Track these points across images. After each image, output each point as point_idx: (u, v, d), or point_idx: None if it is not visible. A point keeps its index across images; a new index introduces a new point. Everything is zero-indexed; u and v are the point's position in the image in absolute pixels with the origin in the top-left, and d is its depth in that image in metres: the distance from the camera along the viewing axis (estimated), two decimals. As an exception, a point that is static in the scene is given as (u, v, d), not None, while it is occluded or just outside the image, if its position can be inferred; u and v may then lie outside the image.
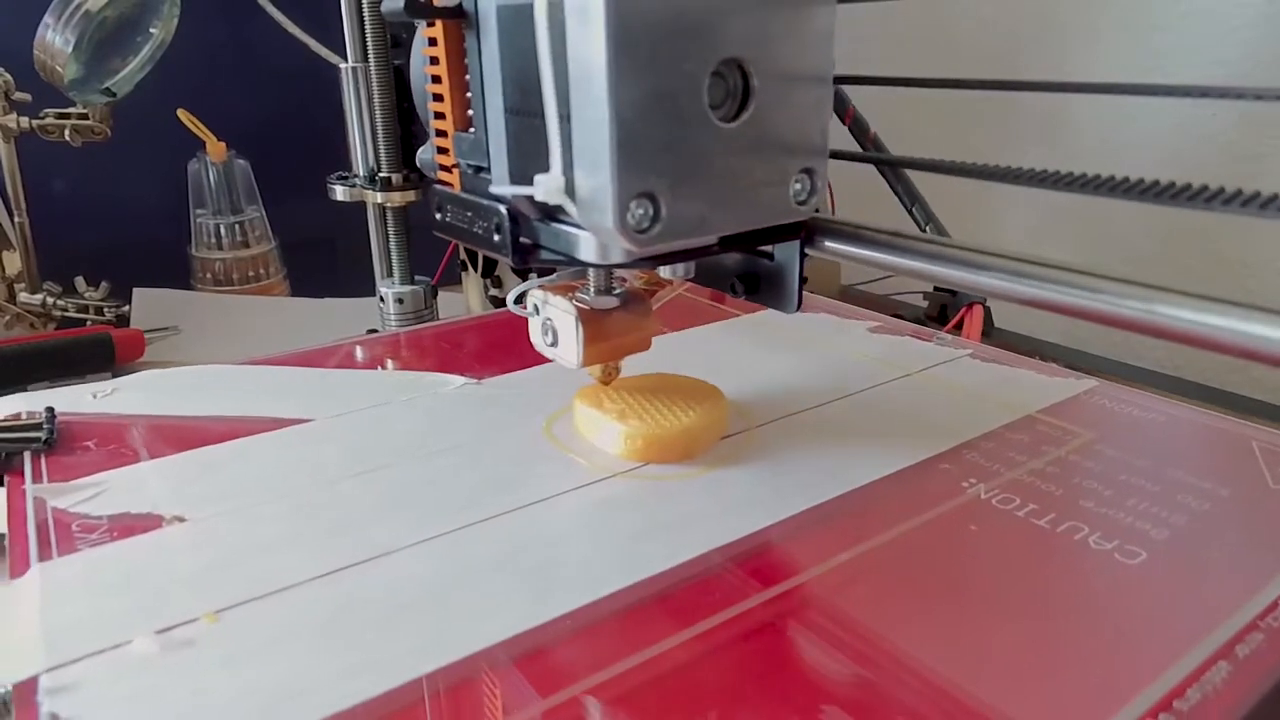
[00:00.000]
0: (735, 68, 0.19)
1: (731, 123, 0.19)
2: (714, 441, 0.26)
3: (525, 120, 0.20)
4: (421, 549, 0.21)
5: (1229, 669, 0.17)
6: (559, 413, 0.29)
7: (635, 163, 0.17)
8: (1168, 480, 0.24)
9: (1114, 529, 0.22)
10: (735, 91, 0.19)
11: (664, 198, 0.18)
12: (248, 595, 0.19)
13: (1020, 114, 0.57)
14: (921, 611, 0.19)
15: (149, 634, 0.18)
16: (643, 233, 0.18)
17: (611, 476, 0.25)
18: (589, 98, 0.17)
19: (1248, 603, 0.19)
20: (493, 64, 0.21)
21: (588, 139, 0.18)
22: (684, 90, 0.18)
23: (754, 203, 0.20)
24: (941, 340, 0.35)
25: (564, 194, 0.18)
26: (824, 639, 0.18)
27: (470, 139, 0.23)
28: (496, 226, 0.22)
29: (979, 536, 0.21)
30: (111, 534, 0.22)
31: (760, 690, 0.16)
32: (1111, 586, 0.20)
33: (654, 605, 0.19)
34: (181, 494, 0.24)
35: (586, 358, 0.25)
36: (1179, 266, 0.51)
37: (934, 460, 0.25)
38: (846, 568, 0.20)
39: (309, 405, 0.29)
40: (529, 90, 0.19)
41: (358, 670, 0.17)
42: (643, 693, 0.16)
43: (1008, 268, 0.19)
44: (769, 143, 0.20)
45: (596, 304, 0.25)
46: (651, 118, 0.17)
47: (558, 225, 0.21)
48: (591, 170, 0.18)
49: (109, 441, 0.27)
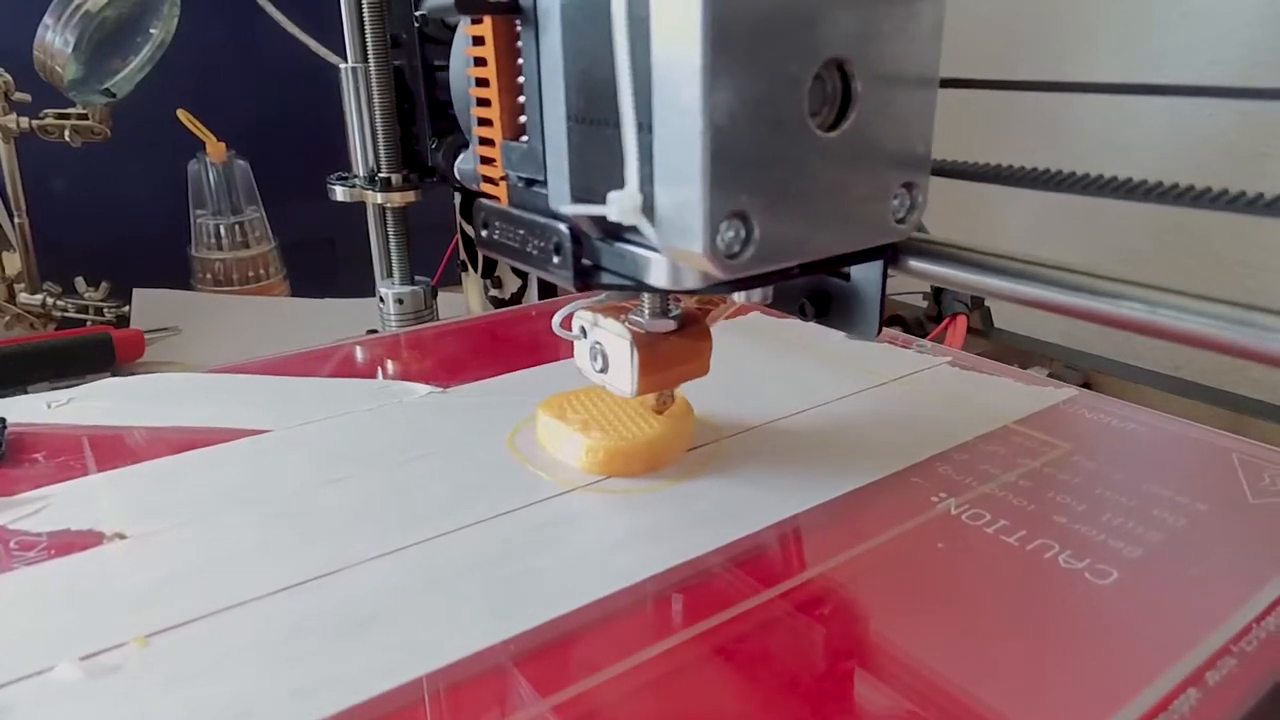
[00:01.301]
0: (835, 69, 0.17)
1: (830, 132, 0.17)
2: (680, 454, 0.26)
3: (592, 129, 0.18)
4: (378, 563, 0.21)
5: (1198, 697, 0.16)
6: (523, 423, 0.28)
7: (729, 178, 0.16)
8: (1144, 494, 0.23)
9: (1085, 547, 0.21)
10: (834, 96, 0.17)
11: (758, 218, 0.16)
12: (189, 615, 0.19)
13: (1020, 114, 0.57)
14: (880, 630, 0.18)
15: (73, 659, 0.17)
16: (733, 257, 0.16)
17: (572, 490, 0.24)
18: (676, 104, 0.15)
19: (1221, 626, 0.18)
20: (554, 65, 0.18)
21: (673, 151, 0.16)
22: (784, 95, 0.16)
23: (852, 221, 0.18)
24: (921, 348, 0.35)
25: (641, 213, 0.16)
26: (790, 653, 0.17)
27: (522, 149, 0.20)
28: (556, 247, 0.20)
29: (944, 555, 0.21)
30: (49, 552, 0.21)
31: (729, 703, 0.16)
32: (1078, 609, 0.19)
33: (617, 620, 0.19)
34: (128, 509, 0.23)
35: (642, 386, 0.23)
36: (1179, 266, 0.51)
37: (904, 473, 0.24)
38: (810, 585, 0.20)
39: (269, 415, 0.29)
40: (598, 95, 0.17)
41: (310, 689, 0.16)
42: (611, 708, 0.16)
43: (1007, 268, 0.19)
44: (870, 154, 0.18)
45: (652, 327, 0.23)
46: (748, 127, 0.15)
47: (624, 245, 0.19)
48: (677, 186, 0.16)
49: (59, 453, 0.26)
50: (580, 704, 0.16)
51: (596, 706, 0.16)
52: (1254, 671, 0.17)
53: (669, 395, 0.26)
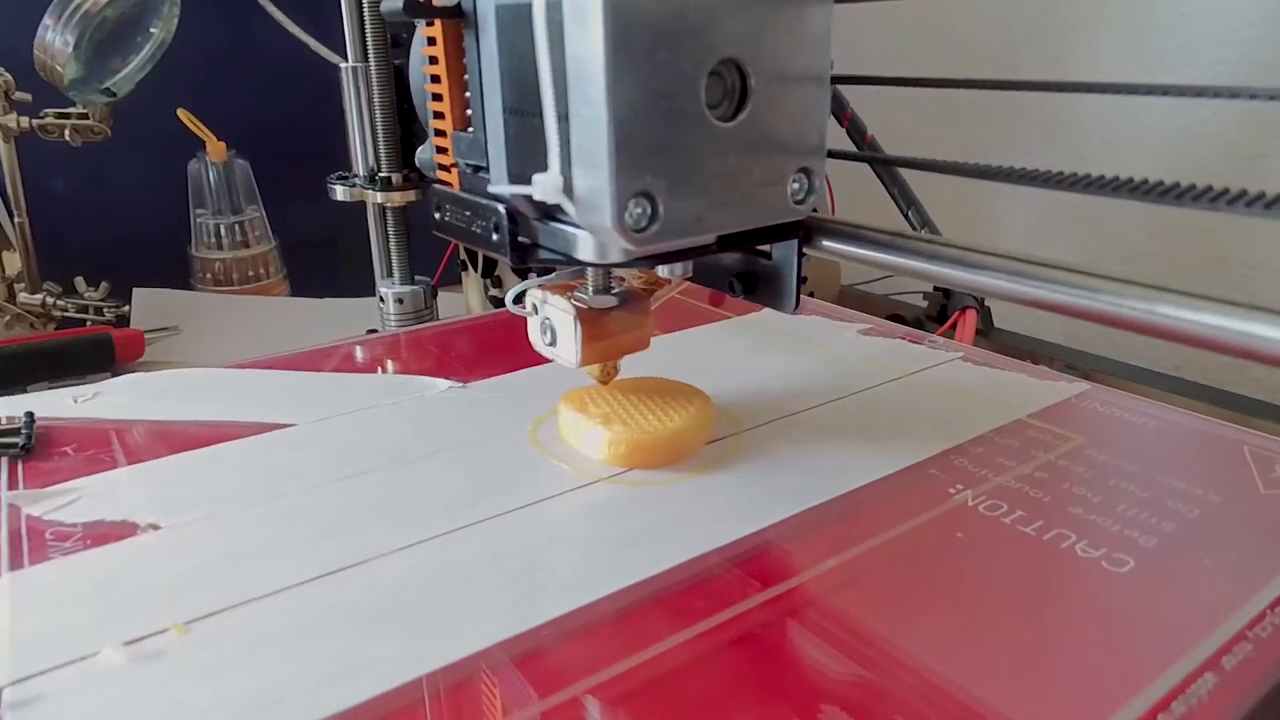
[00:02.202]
0: (733, 67, 0.19)
1: (729, 122, 0.19)
2: (700, 446, 0.26)
3: (524, 120, 0.20)
4: (401, 555, 0.21)
5: (1215, 681, 0.16)
6: (544, 416, 0.28)
7: (633, 162, 0.17)
8: (1158, 486, 0.24)
9: (1102, 537, 0.21)
10: (733, 91, 0.19)
11: (661, 197, 0.18)
12: (222, 604, 0.19)
13: (1020, 114, 0.57)
14: (901, 621, 0.18)
15: (117, 645, 0.18)
16: (640, 232, 0.18)
17: (594, 482, 0.24)
18: (587, 97, 0.17)
19: (1236, 613, 0.18)
20: (491, 64, 0.21)
21: (586, 138, 0.18)
22: (681, 90, 0.18)
23: (752, 202, 0.20)
24: (934, 343, 0.35)
25: (562, 193, 0.18)
26: (808, 645, 0.18)
27: (469, 138, 0.22)
28: (495, 226, 0.22)
29: (964, 544, 0.21)
30: (85, 542, 0.22)
31: (744, 697, 0.16)
32: (1097, 596, 0.19)
33: (635, 613, 0.19)
34: (159, 500, 0.23)
35: (585, 357, 0.25)
36: (1179, 266, 0.51)
37: (921, 465, 0.25)
38: (831, 575, 0.20)
39: (292, 409, 0.29)
40: (527, 90, 0.19)
41: (336, 679, 0.17)
42: (627, 700, 0.16)
43: (1007, 268, 0.19)
44: (766, 142, 0.20)
45: (595, 303, 0.25)
46: (649, 117, 0.17)
47: (556, 225, 0.21)
48: (590, 170, 0.18)
49: (88, 446, 0.27)
50: (601, 694, 0.16)
51: (618, 696, 0.16)
52: (1270, 656, 0.17)
53: (613, 366, 0.27)
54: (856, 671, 0.17)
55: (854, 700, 0.16)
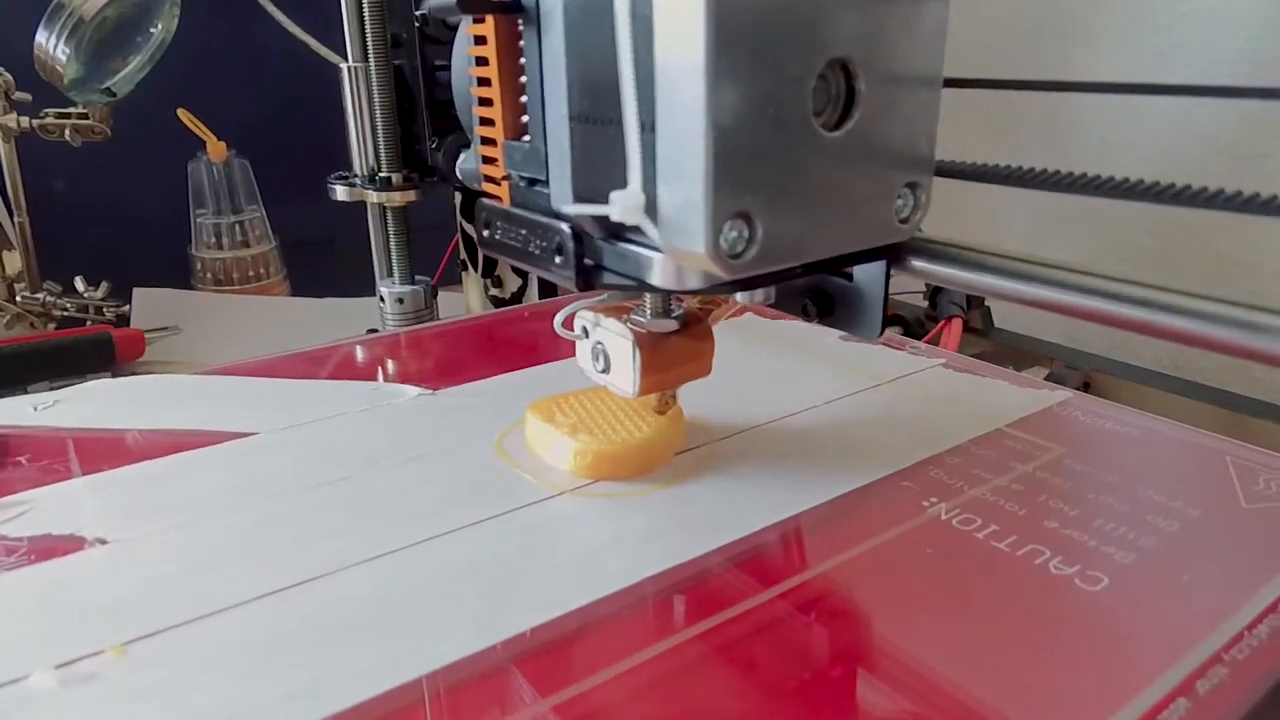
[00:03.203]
0: (839, 69, 0.17)
1: (834, 131, 0.17)
2: (670, 457, 0.25)
3: (595, 129, 0.18)
4: (361, 569, 0.20)
5: (1188, 707, 0.16)
6: (513, 426, 0.27)
7: (732, 178, 0.16)
8: (1137, 499, 0.23)
9: (1076, 553, 0.21)
10: (838, 96, 0.17)
11: (760, 218, 0.16)
12: (170, 622, 0.18)
13: (1020, 114, 0.57)
14: (867, 639, 0.18)
15: (48, 667, 0.17)
16: (736, 257, 0.16)
17: (559, 494, 0.23)
18: (679, 104, 0.15)
19: (1212, 634, 0.18)
20: (556, 64, 0.18)
21: (676, 151, 0.16)
22: (788, 95, 0.16)
23: (856, 221, 0.18)
24: (915, 349, 0.34)
25: (644, 213, 0.16)
26: (774, 660, 0.17)
27: (524, 148, 0.20)
28: (558, 247, 0.20)
29: (934, 560, 0.20)
30: (29, 557, 0.21)
31: (710, 713, 0.16)
32: (1067, 616, 0.18)
33: (604, 626, 0.18)
34: (111, 513, 0.23)
35: (644, 387, 0.23)
36: (1179, 266, 0.51)
37: (895, 477, 0.24)
38: (798, 591, 0.19)
39: (257, 418, 0.28)
40: (600, 94, 0.17)
41: (290, 697, 0.16)
42: (595, 716, 0.16)
43: (1007, 268, 0.19)
44: (874, 154, 0.18)
45: (654, 327, 0.23)
46: (751, 127, 0.15)
47: (625, 245, 0.19)
48: (679, 186, 0.16)
49: (43, 456, 0.26)
50: (566, 711, 0.16)
51: (585, 713, 0.16)
52: (1246, 680, 0.17)
53: (670, 395, 0.25)
54: (826, 685, 0.17)
55: (823, 714, 0.16)
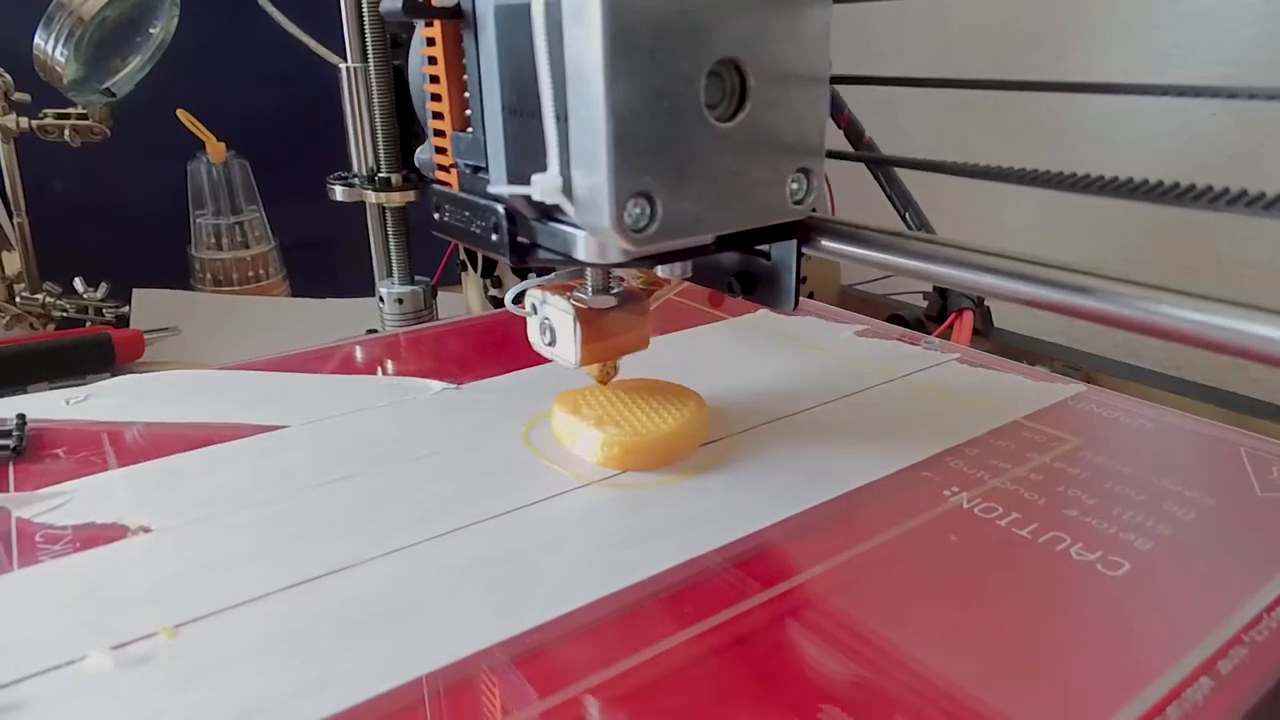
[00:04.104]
0: (732, 67, 0.19)
1: (728, 122, 0.19)
2: (693, 448, 0.26)
3: (523, 120, 0.20)
4: (391, 559, 0.21)
5: (1211, 685, 0.16)
6: (538, 419, 0.28)
7: (632, 162, 0.17)
8: (1153, 489, 0.24)
9: (1097, 540, 0.21)
10: (732, 91, 0.19)
11: (660, 197, 0.18)
12: (209, 609, 0.19)
13: (1020, 114, 0.57)
14: (895, 624, 0.18)
15: (104, 649, 0.17)
16: (639, 232, 0.18)
17: (587, 485, 0.24)
18: (585, 97, 0.17)
19: (1231, 616, 0.18)
20: (490, 64, 0.21)
21: (584, 139, 0.18)
22: (680, 90, 0.18)
23: (751, 202, 0.20)
24: (929, 344, 0.35)
25: (561, 193, 0.18)
26: (802, 649, 0.18)
27: (468, 139, 0.22)
28: (494, 226, 0.22)
29: (958, 548, 0.21)
30: (75, 545, 0.21)
31: (737, 700, 0.16)
32: (1092, 600, 0.19)
33: (627, 617, 0.19)
34: (149, 503, 0.23)
35: (585, 357, 0.25)
36: (1179, 266, 0.51)
37: (916, 468, 0.25)
38: (825, 578, 0.20)
39: (284, 411, 0.29)
40: (526, 90, 0.19)
41: (319, 686, 0.16)
42: (620, 704, 0.16)
43: (1007, 268, 0.19)
44: (765, 142, 0.20)
45: (594, 303, 0.25)
46: (648, 117, 0.17)
47: (555, 225, 0.21)
48: (588, 170, 0.18)
49: (79, 449, 0.27)
50: (587, 701, 0.16)
51: (611, 700, 0.16)
52: (1266, 660, 0.17)
53: (612, 366, 0.27)
54: (850, 674, 0.17)
55: (848, 702, 0.16)
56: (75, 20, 0.45)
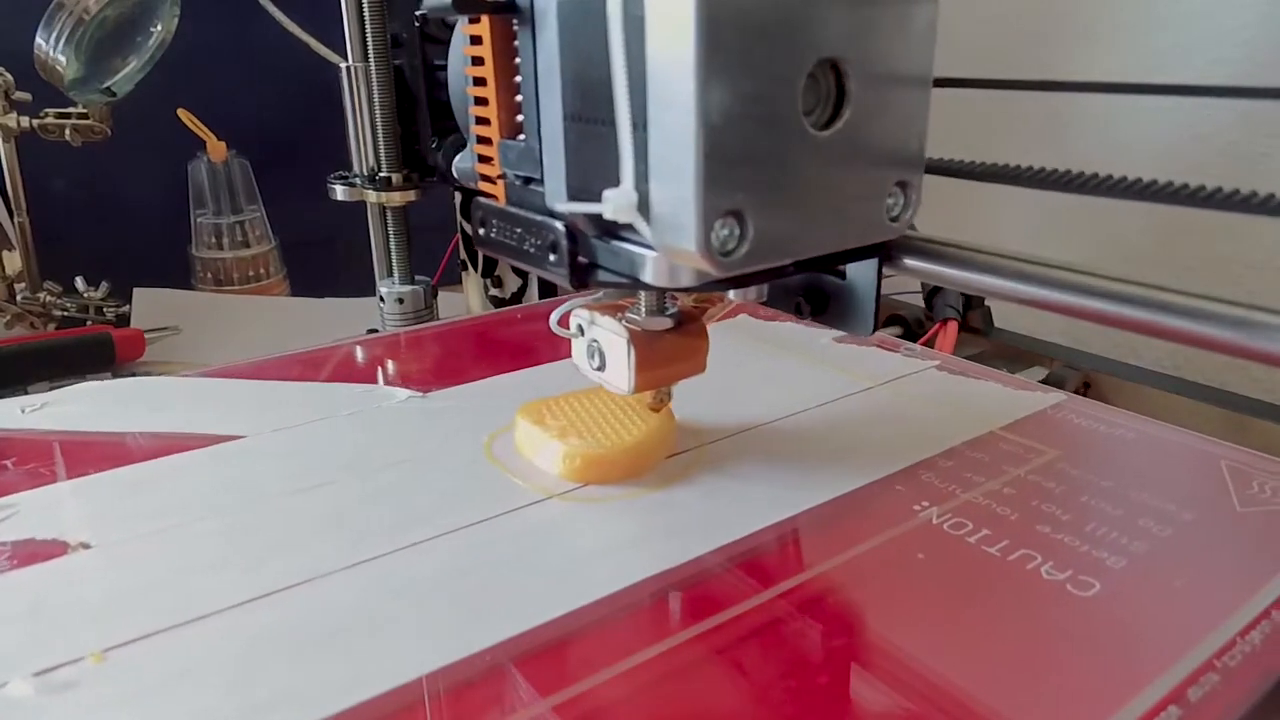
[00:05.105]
0: (829, 68, 0.17)
1: (824, 130, 0.17)
2: (660, 460, 0.25)
3: (588, 127, 0.18)
4: (347, 574, 0.20)
5: (1180, 714, 0.16)
6: (502, 429, 0.27)
7: (723, 176, 0.16)
8: (1130, 503, 0.23)
9: (1068, 558, 0.20)
10: (828, 95, 0.17)
11: (752, 216, 0.16)
12: (152, 628, 0.18)
13: (1020, 114, 0.57)
14: (853, 646, 0.18)
15: (26, 675, 0.17)
16: (727, 255, 0.16)
17: (548, 498, 0.23)
18: (670, 103, 0.15)
19: (1204, 640, 0.17)
20: (550, 64, 0.18)
21: (667, 149, 0.16)
22: (776, 94, 0.16)
23: (846, 219, 0.18)
24: (909, 351, 0.34)
25: (636, 211, 0.16)
26: (763, 666, 0.17)
27: (519, 147, 0.20)
28: (551, 245, 0.20)
29: (924, 566, 0.20)
30: (12, 562, 0.20)
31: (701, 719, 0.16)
32: (1058, 623, 0.18)
33: (587, 634, 0.18)
34: (95, 517, 0.22)
35: (639, 384, 0.23)
36: (1179, 266, 0.51)
37: (887, 480, 0.24)
38: (787, 596, 0.19)
39: (245, 421, 0.28)
40: (593, 94, 0.18)
41: (271, 706, 0.16)
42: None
43: (1007, 268, 0.18)
44: (864, 153, 0.18)
45: (649, 325, 0.23)
46: (741, 126, 0.16)
47: (619, 243, 0.19)
48: (672, 184, 0.16)
49: (29, 460, 0.26)
50: (557, 716, 0.16)
51: (576, 717, 0.16)
52: (1238, 687, 0.16)
53: (665, 393, 0.25)
54: (812, 691, 0.16)
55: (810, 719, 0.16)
56: (76, 20, 0.45)
